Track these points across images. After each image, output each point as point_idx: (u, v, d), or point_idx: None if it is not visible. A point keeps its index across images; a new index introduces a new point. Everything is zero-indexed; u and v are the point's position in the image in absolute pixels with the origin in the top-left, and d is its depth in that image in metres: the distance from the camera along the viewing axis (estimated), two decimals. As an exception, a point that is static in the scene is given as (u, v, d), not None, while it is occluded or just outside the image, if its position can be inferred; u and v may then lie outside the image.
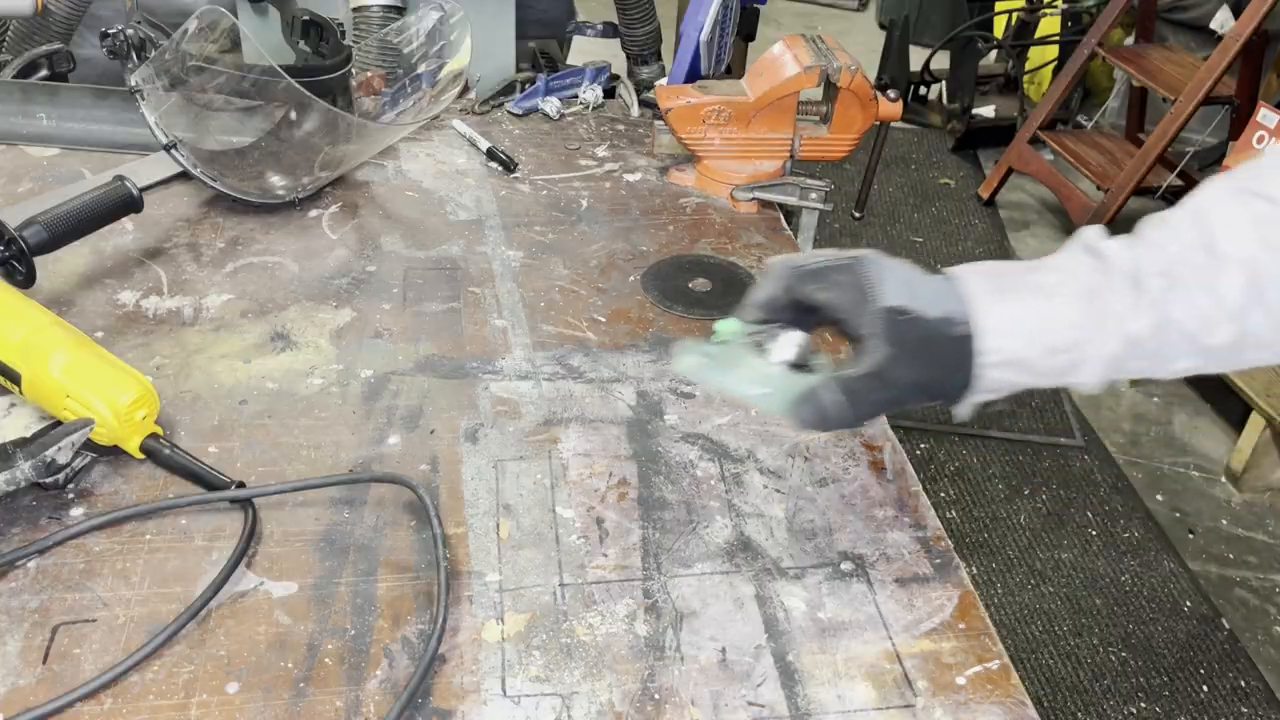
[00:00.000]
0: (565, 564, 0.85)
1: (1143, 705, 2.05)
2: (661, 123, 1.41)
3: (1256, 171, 0.81)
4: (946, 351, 0.79)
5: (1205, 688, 2.09)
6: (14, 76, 1.47)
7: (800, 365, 0.81)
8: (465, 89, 1.60)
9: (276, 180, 1.32)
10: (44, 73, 1.51)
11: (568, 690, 0.75)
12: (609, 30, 1.95)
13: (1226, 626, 2.22)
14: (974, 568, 2.33)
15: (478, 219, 1.33)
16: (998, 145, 4.09)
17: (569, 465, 0.95)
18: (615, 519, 0.89)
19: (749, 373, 0.80)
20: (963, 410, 0.82)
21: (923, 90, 4.42)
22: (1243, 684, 2.10)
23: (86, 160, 1.39)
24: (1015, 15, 4.29)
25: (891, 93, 1.40)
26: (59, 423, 0.89)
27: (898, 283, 0.79)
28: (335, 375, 1.04)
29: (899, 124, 3.70)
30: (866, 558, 0.87)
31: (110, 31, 1.22)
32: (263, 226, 1.28)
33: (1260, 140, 2.78)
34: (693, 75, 1.50)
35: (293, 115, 1.31)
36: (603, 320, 1.15)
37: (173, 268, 1.19)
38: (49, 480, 0.86)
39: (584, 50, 2.10)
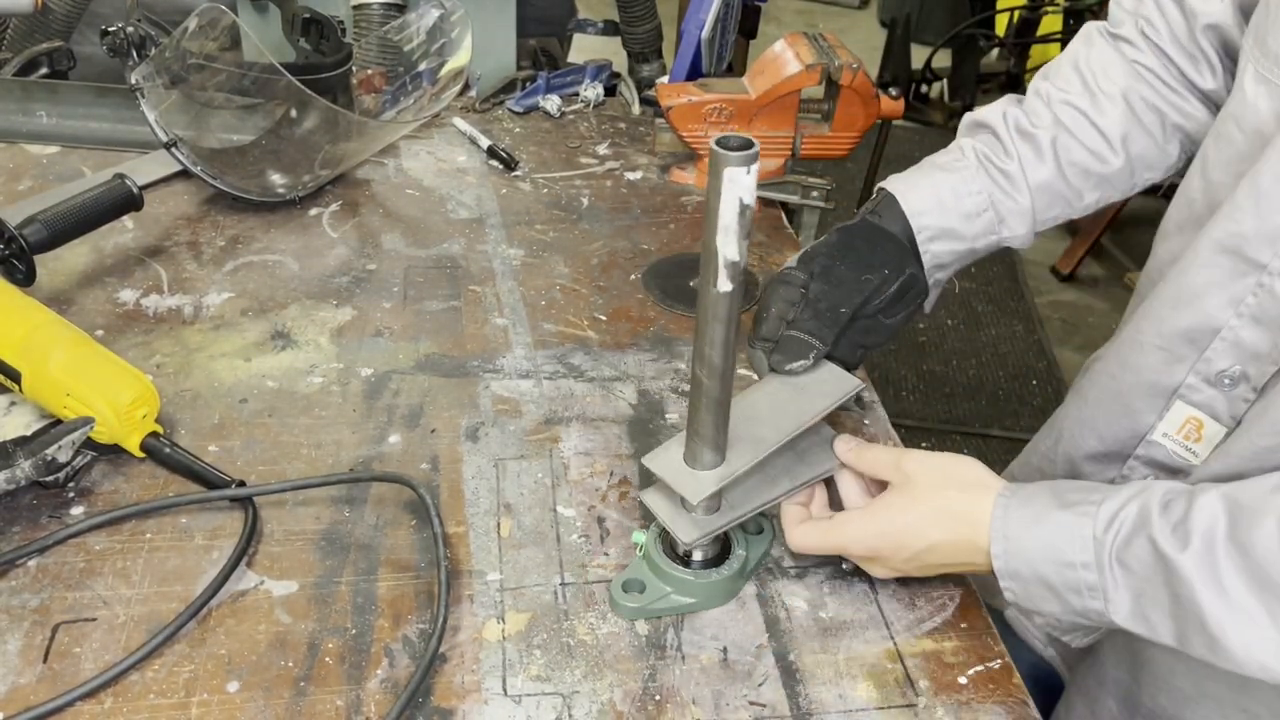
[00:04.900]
0: (566, 563, 0.85)
1: (1144, 704, 2.05)
2: (663, 121, 1.41)
3: (1111, 19, 0.97)
4: (885, 236, 0.94)
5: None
6: (14, 74, 1.47)
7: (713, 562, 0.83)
8: (466, 87, 1.60)
9: (277, 178, 1.32)
10: (44, 70, 1.51)
11: (569, 689, 0.75)
12: (610, 28, 1.94)
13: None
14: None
15: (478, 217, 1.33)
16: (999, 143, 4.08)
17: (570, 464, 0.95)
18: (616, 518, 0.89)
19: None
20: (931, 296, 0.98)
21: (924, 88, 4.41)
22: (1244, 683, 2.10)
23: (87, 158, 1.39)
24: (1017, 13, 4.29)
25: (893, 91, 1.40)
26: (59, 421, 0.88)
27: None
28: (336, 374, 1.04)
29: (900, 122, 3.70)
30: (868, 557, 0.87)
31: (110, 29, 1.22)
32: (263, 225, 1.28)
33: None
34: (694, 73, 1.50)
35: (293, 113, 1.31)
36: (604, 319, 1.15)
37: (173, 266, 1.19)
38: (49, 479, 0.86)
39: (585, 48, 2.10)
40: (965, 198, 0.95)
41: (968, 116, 1.02)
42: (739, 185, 0.63)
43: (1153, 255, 0.94)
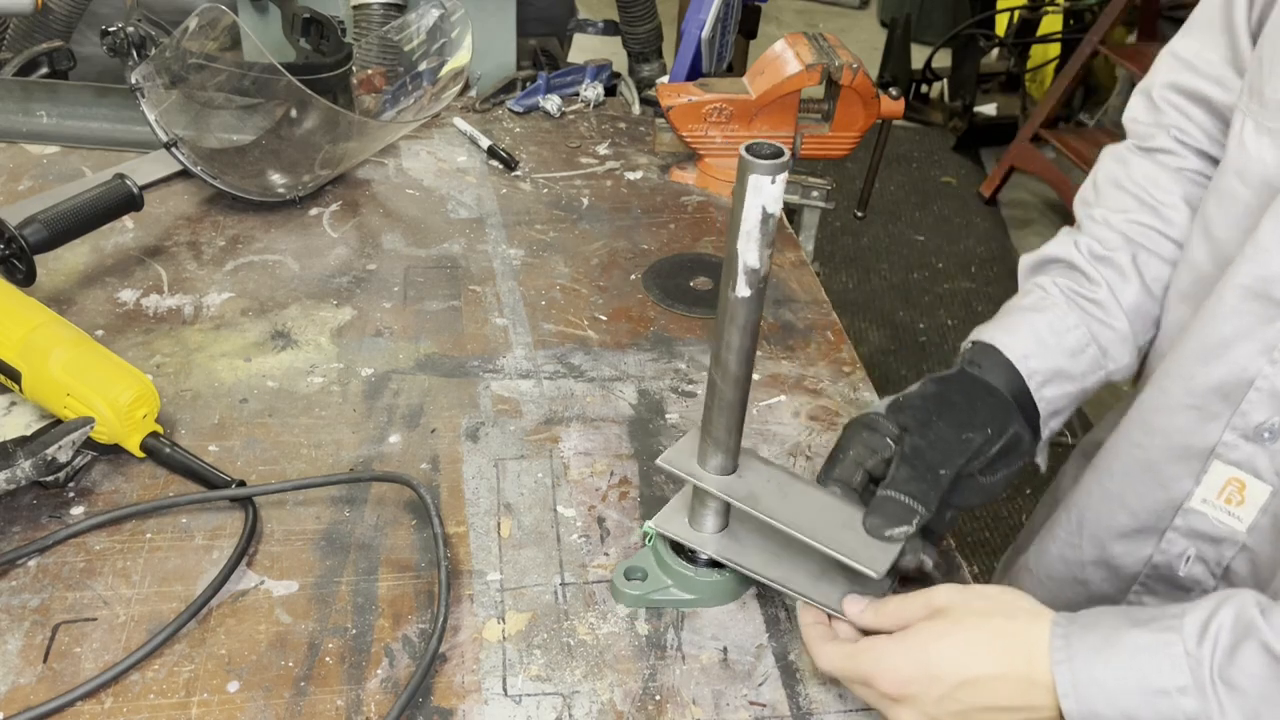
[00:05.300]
0: (566, 563, 0.85)
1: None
2: (663, 120, 1.41)
3: (1134, 136, 0.94)
4: (986, 390, 0.85)
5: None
6: (14, 74, 1.47)
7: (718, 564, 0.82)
8: (466, 87, 1.60)
9: (277, 178, 1.32)
10: (44, 70, 1.51)
11: (569, 689, 0.75)
12: (610, 28, 1.94)
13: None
14: (976, 567, 2.33)
15: (478, 217, 1.33)
16: (1000, 143, 4.08)
17: (570, 464, 0.95)
18: (616, 518, 0.89)
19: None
20: (1041, 450, 0.89)
21: (924, 88, 4.41)
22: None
23: (87, 158, 1.39)
24: (1017, 13, 4.29)
25: (893, 91, 1.40)
26: (59, 421, 0.88)
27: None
28: (336, 374, 1.04)
29: (901, 122, 3.70)
30: (868, 557, 0.87)
31: (111, 29, 1.22)
32: (263, 225, 1.28)
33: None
34: (694, 73, 1.50)
35: (293, 113, 1.31)
36: (604, 319, 1.15)
37: (173, 266, 1.19)
38: (49, 479, 0.86)
39: (585, 48, 2.10)
40: (1065, 334, 0.88)
41: (1027, 257, 0.96)
42: (765, 194, 0.63)
43: (1159, 329, 0.90)
